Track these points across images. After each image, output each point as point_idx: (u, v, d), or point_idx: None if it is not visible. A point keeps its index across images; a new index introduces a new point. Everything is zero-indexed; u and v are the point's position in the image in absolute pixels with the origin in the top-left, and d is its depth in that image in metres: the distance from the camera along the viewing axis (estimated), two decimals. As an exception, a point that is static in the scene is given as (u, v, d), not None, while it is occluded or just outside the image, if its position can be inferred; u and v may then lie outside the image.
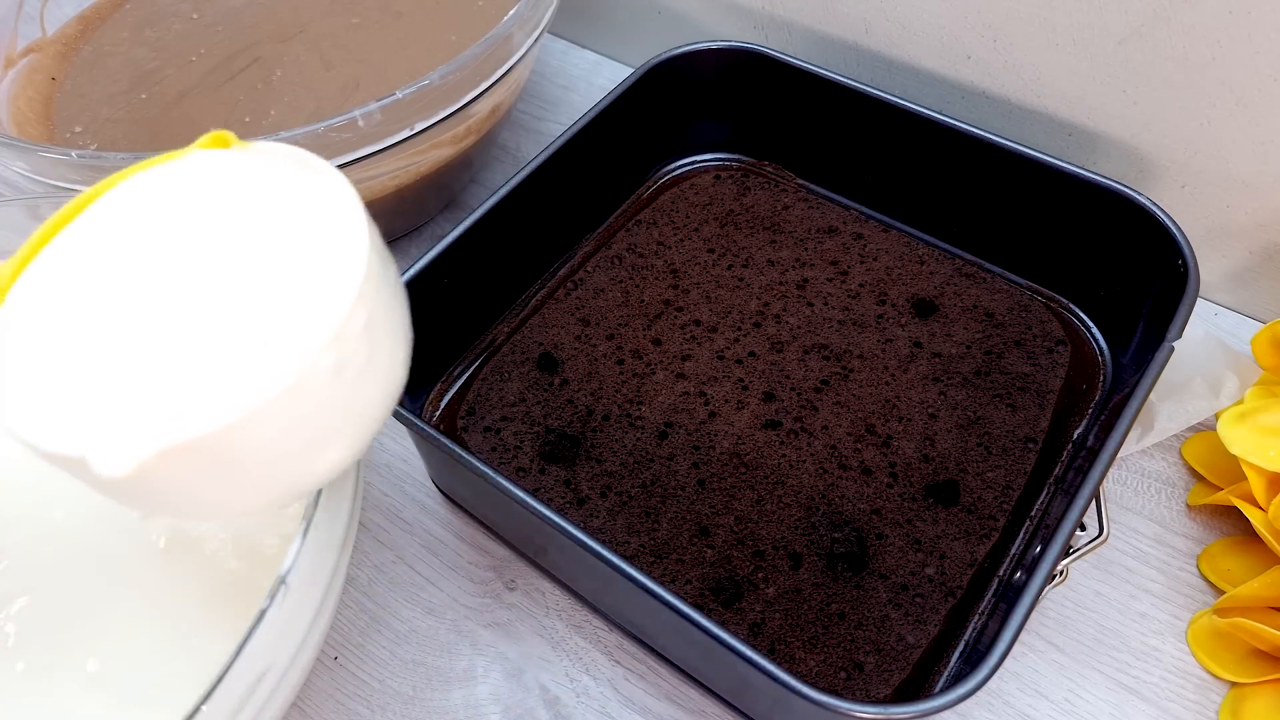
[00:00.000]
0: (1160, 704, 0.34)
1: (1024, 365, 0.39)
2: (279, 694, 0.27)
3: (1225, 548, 0.37)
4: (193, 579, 0.32)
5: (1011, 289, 0.42)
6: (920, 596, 0.33)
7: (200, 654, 0.31)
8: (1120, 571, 0.37)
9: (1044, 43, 0.41)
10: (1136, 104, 0.41)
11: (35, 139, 0.45)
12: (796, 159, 0.47)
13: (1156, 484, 0.39)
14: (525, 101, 0.55)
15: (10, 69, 0.46)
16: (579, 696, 0.35)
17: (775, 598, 0.33)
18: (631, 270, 0.43)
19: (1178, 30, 0.38)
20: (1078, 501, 0.29)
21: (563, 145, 0.41)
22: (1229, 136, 0.39)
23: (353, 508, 0.30)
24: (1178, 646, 0.35)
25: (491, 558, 0.38)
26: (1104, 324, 0.41)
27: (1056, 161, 0.38)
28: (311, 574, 0.27)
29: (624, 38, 0.57)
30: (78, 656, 0.31)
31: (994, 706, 0.34)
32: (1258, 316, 0.44)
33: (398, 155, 0.39)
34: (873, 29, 0.46)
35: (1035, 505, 0.36)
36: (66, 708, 0.30)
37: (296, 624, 0.26)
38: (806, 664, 0.32)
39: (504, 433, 0.38)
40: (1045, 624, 0.35)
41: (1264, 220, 0.41)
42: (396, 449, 0.42)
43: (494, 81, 0.40)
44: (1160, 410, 0.38)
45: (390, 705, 0.35)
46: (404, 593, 0.37)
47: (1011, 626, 0.27)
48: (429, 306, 0.37)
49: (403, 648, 0.36)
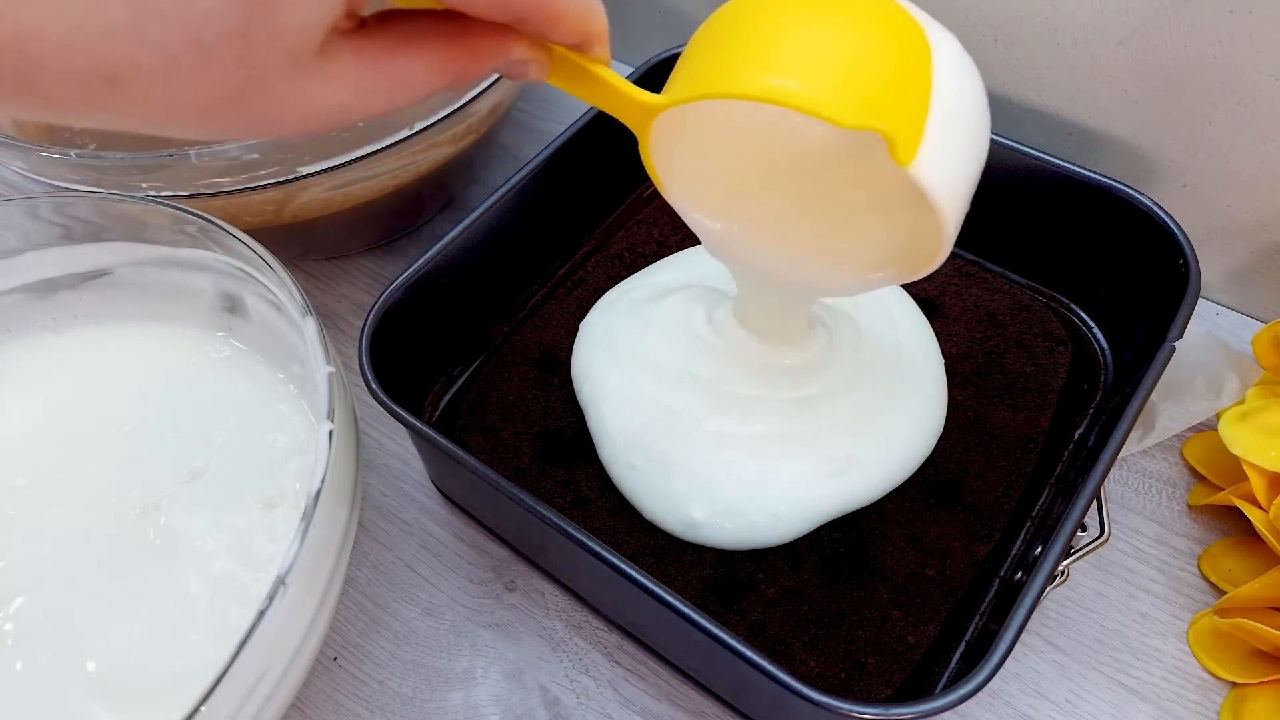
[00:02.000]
0: (1161, 704, 0.34)
1: (1025, 365, 0.39)
2: (278, 694, 0.27)
3: (1226, 548, 0.37)
4: (192, 579, 0.32)
5: (1012, 289, 0.42)
6: (921, 597, 0.33)
7: (200, 654, 0.31)
8: (1121, 572, 0.37)
9: (1044, 42, 0.41)
10: (1137, 103, 0.41)
11: (34, 139, 0.45)
12: (797, 159, 0.47)
13: (1157, 484, 0.39)
14: (525, 101, 0.55)
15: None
16: (579, 697, 0.34)
17: (776, 598, 0.33)
18: (631, 270, 0.43)
19: (1178, 30, 0.38)
20: (1079, 502, 0.29)
21: (563, 145, 0.41)
22: (1230, 136, 0.39)
23: (352, 508, 0.30)
24: (1179, 647, 0.35)
25: (491, 558, 0.38)
26: (1105, 324, 0.40)
27: (1057, 161, 0.38)
28: (310, 574, 0.26)
29: (624, 37, 0.57)
30: (76, 657, 0.31)
31: (995, 707, 0.34)
32: (1259, 316, 0.44)
33: (398, 155, 0.39)
34: (873, 28, 0.46)
35: (1036, 506, 0.36)
36: (65, 708, 0.30)
37: (296, 624, 0.26)
38: (807, 664, 0.32)
39: (504, 433, 0.38)
40: (1046, 624, 0.35)
41: (1265, 220, 0.41)
42: (396, 449, 0.42)
43: (494, 81, 0.40)
44: (1161, 410, 0.38)
45: (390, 706, 0.35)
46: (403, 593, 0.37)
47: (1012, 627, 0.27)
48: (429, 306, 0.37)
49: (402, 648, 0.36)
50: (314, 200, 0.40)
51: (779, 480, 0.34)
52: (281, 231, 0.42)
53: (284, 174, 0.36)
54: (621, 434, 0.36)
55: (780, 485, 0.34)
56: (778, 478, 0.34)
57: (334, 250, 0.48)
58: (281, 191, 0.38)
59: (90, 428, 0.36)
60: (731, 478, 0.34)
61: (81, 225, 0.36)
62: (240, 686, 0.24)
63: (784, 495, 0.34)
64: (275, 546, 0.33)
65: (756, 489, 0.34)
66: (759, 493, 0.34)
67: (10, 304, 0.38)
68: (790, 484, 0.34)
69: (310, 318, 0.30)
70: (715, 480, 0.34)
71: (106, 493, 0.34)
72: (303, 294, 0.31)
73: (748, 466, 0.35)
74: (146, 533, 0.33)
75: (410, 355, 0.37)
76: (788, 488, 0.34)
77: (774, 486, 0.34)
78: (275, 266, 0.32)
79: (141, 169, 0.35)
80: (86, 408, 0.37)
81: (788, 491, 0.34)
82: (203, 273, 0.36)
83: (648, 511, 0.35)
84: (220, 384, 0.37)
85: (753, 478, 0.34)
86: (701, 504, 0.34)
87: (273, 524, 0.33)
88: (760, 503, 0.34)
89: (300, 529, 0.26)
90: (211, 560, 0.33)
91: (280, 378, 0.37)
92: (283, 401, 0.36)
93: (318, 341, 0.30)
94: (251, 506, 0.34)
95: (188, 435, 0.35)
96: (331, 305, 0.47)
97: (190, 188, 0.36)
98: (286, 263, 0.32)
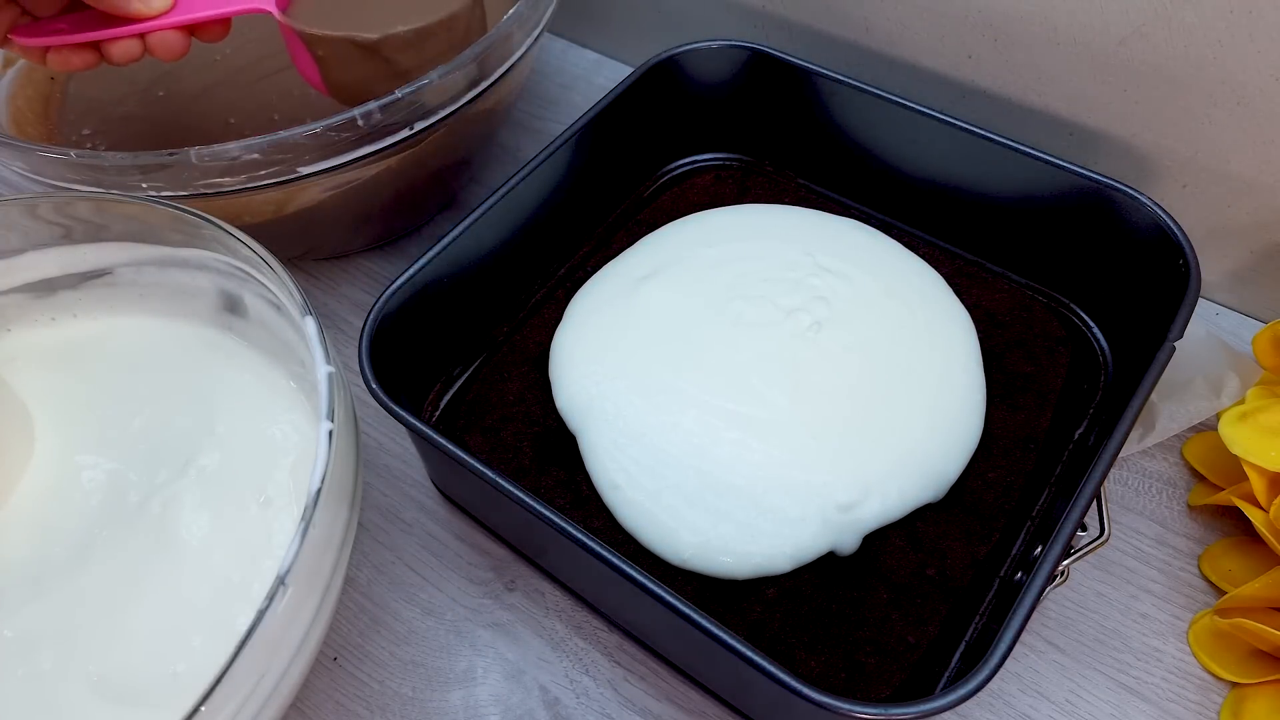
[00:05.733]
0: (1161, 704, 0.34)
1: (1025, 365, 0.39)
2: (278, 694, 0.27)
3: (1226, 548, 0.37)
4: (193, 579, 0.32)
5: (1012, 289, 0.42)
6: (921, 597, 0.33)
7: (200, 654, 0.31)
8: (1121, 572, 0.37)
9: (1044, 42, 0.41)
10: (1138, 103, 0.41)
11: (34, 139, 0.45)
12: (796, 159, 0.47)
13: (1157, 484, 0.39)
14: (525, 101, 0.55)
15: (9, 68, 0.46)
16: (579, 697, 0.34)
17: (776, 598, 0.33)
18: (631, 270, 0.43)
19: (1179, 29, 0.38)
20: (1079, 502, 0.29)
21: (562, 145, 0.41)
22: (1230, 136, 0.39)
23: (352, 508, 0.30)
24: (1179, 647, 0.35)
25: (491, 558, 0.38)
26: (1105, 324, 0.40)
27: (1057, 161, 0.38)
28: (310, 574, 0.26)
29: (624, 37, 0.57)
30: (78, 658, 0.31)
31: (995, 707, 0.34)
32: (1259, 316, 0.44)
33: (398, 155, 0.39)
34: (873, 28, 0.46)
35: (1036, 506, 0.36)
36: (67, 709, 0.30)
37: (296, 624, 0.26)
38: (807, 664, 0.32)
39: (504, 433, 0.38)
40: (1046, 624, 0.35)
41: (1265, 219, 0.41)
42: (396, 449, 0.42)
43: (494, 81, 0.40)
44: (1161, 410, 0.38)
45: (390, 706, 0.35)
46: (403, 593, 0.37)
47: (1012, 627, 0.27)
48: (429, 306, 0.37)
49: (402, 648, 0.36)
50: (314, 200, 0.40)
51: (776, 517, 0.33)
52: (281, 231, 0.42)
53: (284, 174, 0.36)
54: (613, 459, 0.35)
55: (777, 523, 0.33)
56: (775, 514, 0.33)
57: (334, 250, 0.48)
58: (281, 191, 0.38)
59: (90, 428, 0.36)
60: (723, 518, 0.33)
61: (81, 225, 0.36)
62: (240, 686, 0.24)
63: (779, 533, 0.33)
64: (275, 546, 0.33)
65: (747, 530, 0.33)
66: (753, 531, 0.33)
67: (10, 304, 0.38)
68: (788, 521, 0.33)
69: (310, 317, 0.30)
70: (701, 524, 0.33)
71: (106, 493, 0.34)
72: (303, 294, 0.31)
73: (743, 499, 0.34)
74: (146, 533, 0.33)
75: (410, 355, 0.37)
76: (784, 526, 0.33)
77: (769, 523, 0.33)
78: (275, 266, 0.32)
79: (141, 169, 0.35)
80: (86, 408, 0.37)
81: (784, 531, 0.33)
82: (203, 272, 0.36)
83: (644, 542, 0.34)
84: (220, 384, 0.37)
85: (747, 519, 0.33)
86: (690, 544, 0.33)
87: (272, 524, 0.33)
88: (754, 544, 0.33)
89: (300, 529, 0.26)
90: (212, 561, 0.33)
91: (280, 377, 0.37)
92: (283, 401, 0.36)
93: (318, 341, 0.30)
94: (251, 507, 0.34)
95: (188, 435, 0.35)
96: (331, 305, 0.47)
97: (190, 188, 0.36)
98: (286, 263, 0.32)
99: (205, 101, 0.47)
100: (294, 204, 0.39)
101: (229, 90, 0.47)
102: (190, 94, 0.47)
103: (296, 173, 0.36)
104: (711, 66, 0.45)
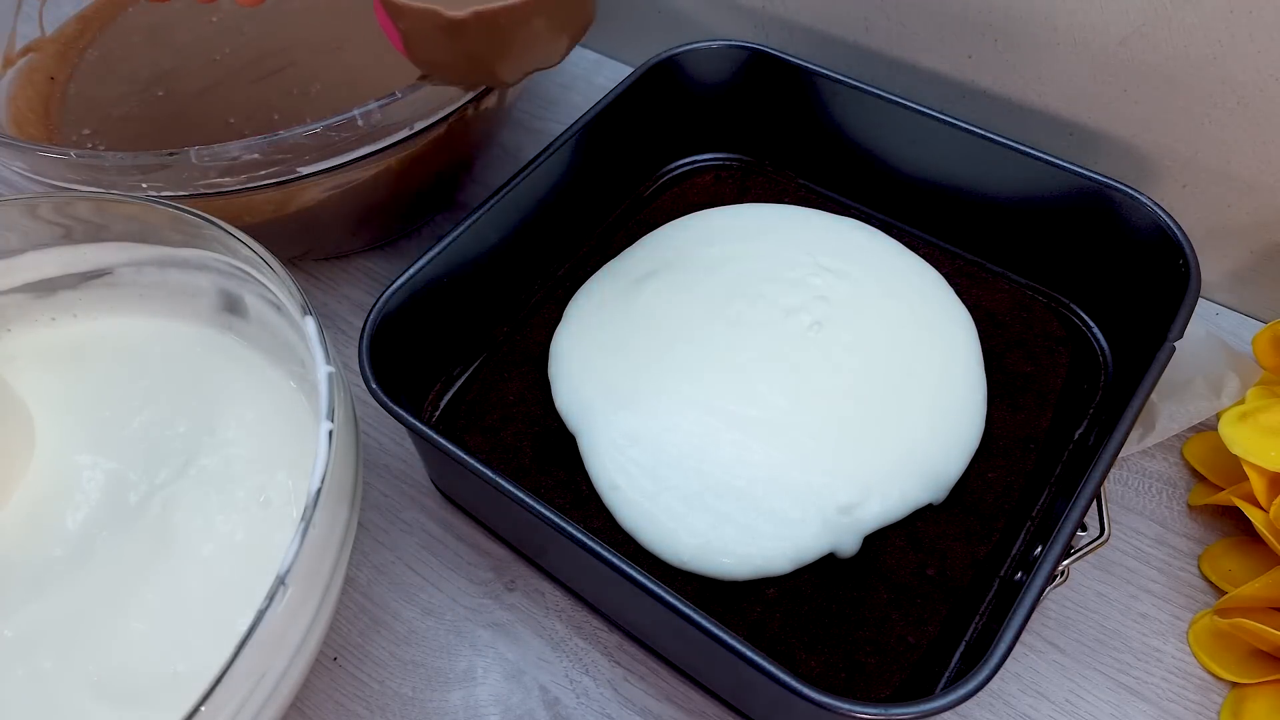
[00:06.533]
0: (1161, 705, 0.34)
1: (1025, 365, 0.39)
2: (278, 694, 0.27)
3: (1226, 548, 0.37)
4: (192, 579, 0.32)
5: (1012, 289, 0.42)
6: (921, 597, 0.33)
7: (200, 654, 0.31)
8: (1121, 572, 0.37)
9: (1044, 42, 0.41)
10: (1138, 103, 0.41)
11: (34, 139, 0.45)
12: (796, 159, 0.47)
13: (1157, 484, 0.39)
14: (525, 101, 0.55)
15: (9, 68, 0.46)
16: (579, 698, 0.34)
17: (776, 598, 0.33)
18: (631, 270, 0.43)
19: (1179, 29, 0.38)
20: (1079, 502, 0.29)
21: (562, 145, 0.41)
22: (1230, 135, 0.39)
23: (352, 508, 0.30)
24: (1179, 647, 0.35)
25: (491, 558, 0.38)
26: (1105, 324, 0.40)
27: (1057, 161, 0.38)
28: (310, 574, 0.26)
29: (624, 37, 0.57)
30: (78, 658, 0.31)
31: (995, 707, 0.34)
32: (1259, 316, 0.44)
33: (398, 155, 0.39)
34: (873, 28, 0.46)
35: (1036, 506, 0.36)
36: (67, 709, 0.30)
37: (295, 624, 0.26)
38: (807, 664, 0.32)
39: (504, 433, 0.38)
40: (1046, 624, 0.35)
41: (1265, 219, 0.41)
42: (396, 449, 0.42)
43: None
44: (1161, 410, 0.38)
45: (390, 706, 0.35)
46: (403, 593, 0.37)
47: (1012, 627, 0.27)
48: (429, 306, 0.37)
49: (402, 649, 0.36)
50: (314, 200, 0.40)
51: (776, 518, 0.33)
52: (281, 231, 0.42)
53: (284, 174, 0.36)
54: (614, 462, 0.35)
55: (777, 525, 0.33)
56: (775, 516, 0.33)
57: (334, 250, 0.48)
58: (281, 191, 0.38)
59: (90, 428, 0.36)
60: (723, 520, 0.34)
61: (81, 225, 0.36)
62: (240, 686, 0.24)
63: (779, 535, 0.33)
64: (275, 546, 0.33)
65: (747, 531, 0.33)
66: (753, 533, 0.33)
67: (10, 304, 0.38)
68: (788, 522, 0.33)
69: (310, 317, 0.30)
70: (701, 526, 0.33)
71: (106, 493, 0.34)
72: (303, 294, 0.31)
73: (743, 501, 0.34)
74: (147, 533, 0.33)
75: (410, 355, 0.37)
76: (784, 528, 0.33)
77: (769, 525, 0.33)
78: (275, 266, 0.32)
79: (141, 169, 0.35)
80: (86, 408, 0.37)
81: (784, 532, 0.33)
82: (203, 272, 0.36)
83: (644, 543, 0.34)
84: (220, 384, 0.37)
85: (747, 521, 0.33)
86: (690, 546, 0.33)
87: (272, 524, 0.33)
88: (754, 546, 0.33)
89: (300, 529, 0.26)
90: (211, 561, 0.33)
91: (280, 377, 0.37)
92: (283, 401, 0.36)
93: (318, 341, 0.30)
94: (251, 507, 0.34)
95: (188, 435, 0.35)
96: (331, 305, 0.47)
97: (190, 188, 0.36)
98: (286, 263, 0.32)
99: (205, 101, 0.47)
100: (294, 204, 0.39)
101: (229, 90, 0.47)
102: (190, 94, 0.47)
103: (296, 173, 0.36)
104: (711, 66, 0.45)
